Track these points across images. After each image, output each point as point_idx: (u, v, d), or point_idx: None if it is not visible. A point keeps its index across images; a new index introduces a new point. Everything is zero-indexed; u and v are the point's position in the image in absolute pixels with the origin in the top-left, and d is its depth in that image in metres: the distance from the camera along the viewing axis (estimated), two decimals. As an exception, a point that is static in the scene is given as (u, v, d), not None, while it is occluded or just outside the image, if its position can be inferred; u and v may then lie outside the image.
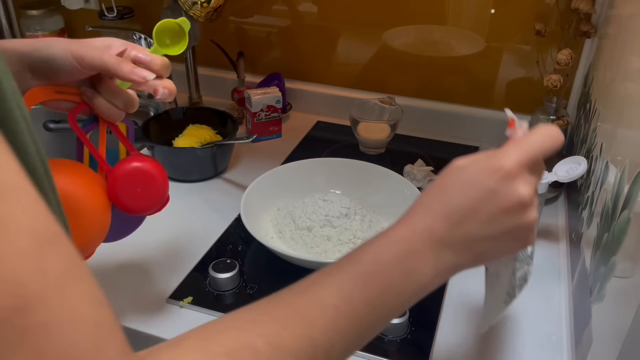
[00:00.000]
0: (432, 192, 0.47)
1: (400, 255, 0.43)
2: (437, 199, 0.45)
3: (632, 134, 0.60)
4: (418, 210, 0.46)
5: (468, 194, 0.45)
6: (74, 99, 0.56)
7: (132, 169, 0.57)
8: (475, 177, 0.45)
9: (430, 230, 0.44)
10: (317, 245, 0.76)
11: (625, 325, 0.47)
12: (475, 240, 0.45)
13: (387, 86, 1.17)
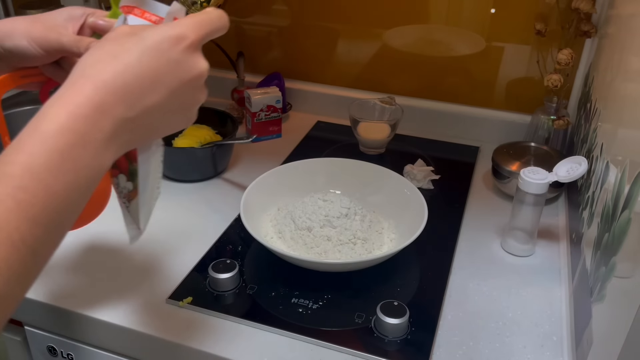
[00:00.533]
0: (100, 60, 0.38)
1: (60, 152, 0.35)
2: (110, 69, 0.38)
3: (632, 134, 0.60)
4: (80, 85, 0.37)
5: (149, 63, 0.39)
6: (41, 79, 0.56)
7: None
8: (157, 45, 0.40)
9: (100, 110, 0.37)
10: (317, 246, 0.76)
11: (626, 325, 0.47)
12: (153, 115, 0.41)
13: (388, 86, 1.17)
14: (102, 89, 0.38)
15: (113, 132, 0.38)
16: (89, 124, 0.37)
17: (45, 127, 0.36)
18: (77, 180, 0.37)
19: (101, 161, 0.38)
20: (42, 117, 0.37)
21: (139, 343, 0.69)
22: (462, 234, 0.86)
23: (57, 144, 0.36)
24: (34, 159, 0.35)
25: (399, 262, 0.77)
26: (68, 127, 0.36)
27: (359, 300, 0.72)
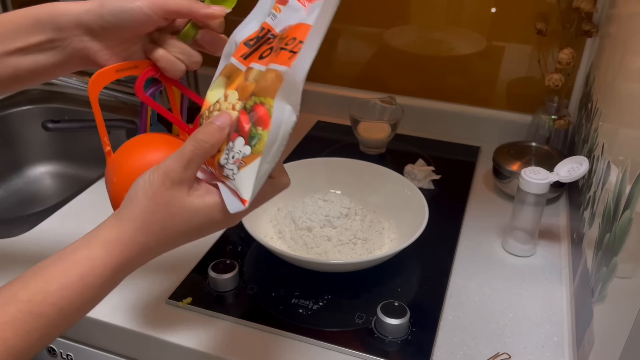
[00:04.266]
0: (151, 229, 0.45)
1: (92, 297, 0.43)
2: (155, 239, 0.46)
3: (633, 134, 0.60)
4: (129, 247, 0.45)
5: (187, 236, 0.47)
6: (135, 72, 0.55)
7: None
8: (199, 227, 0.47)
9: (137, 264, 0.46)
10: (317, 246, 0.76)
11: (627, 325, 0.47)
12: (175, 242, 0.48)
13: (388, 86, 1.17)
14: (146, 252, 0.45)
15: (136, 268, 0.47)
16: (122, 272, 0.45)
17: (90, 279, 0.43)
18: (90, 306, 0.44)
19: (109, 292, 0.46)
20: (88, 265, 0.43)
21: (138, 343, 0.69)
22: (463, 234, 0.86)
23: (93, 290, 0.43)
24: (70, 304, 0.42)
25: (399, 263, 0.77)
26: (108, 278, 0.44)
27: (360, 301, 0.72)
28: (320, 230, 0.78)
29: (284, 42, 0.44)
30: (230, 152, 0.45)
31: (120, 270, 0.44)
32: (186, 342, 0.66)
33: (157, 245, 0.46)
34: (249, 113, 0.44)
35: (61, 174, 1.21)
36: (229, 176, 0.45)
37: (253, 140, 0.43)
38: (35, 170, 1.20)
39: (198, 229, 0.47)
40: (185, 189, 0.45)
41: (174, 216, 0.45)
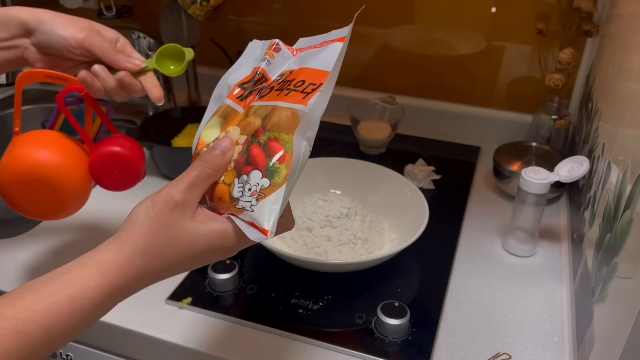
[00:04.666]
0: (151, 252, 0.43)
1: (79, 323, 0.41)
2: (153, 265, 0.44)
3: (634, 134, 0.60)
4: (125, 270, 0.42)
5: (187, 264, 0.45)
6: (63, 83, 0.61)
7: (110, 155, 0.61)
8: (199, 254, 0.45)
9: (132, 290, 0.44)
10: (317, 246, 0.76)
11: (628, 325, 0.46)
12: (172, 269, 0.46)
13: (388, 85, 1.17)
14: (143, 278, 0.43)
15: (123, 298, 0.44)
16: (116, 298, 0.43)
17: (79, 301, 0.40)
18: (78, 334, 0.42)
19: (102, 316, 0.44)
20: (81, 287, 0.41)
21: (138, 344, 0.69)
22: (463, 234, 0.86)
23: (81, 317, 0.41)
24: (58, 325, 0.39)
25: (399, 263, 0.77)
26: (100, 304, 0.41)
27: (360, 301, 0.72)
28: (320, 230, 0.78)
29: (292, 84, 0.47)
30: (245, 185, 0.44)
31: (113, 295, 0.42)
32: (186, 342, 0.66)
33: (154, 271, 0.44)
34: (263, 147, 0.45)
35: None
36: (245, 208, 0.44)
37: (271, 173, 0.44)
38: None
39: (197, 256, 0.45)
40: (188, 212, 0.44)
41: (175, 240, 0.44)
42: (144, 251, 0.43)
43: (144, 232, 0.43)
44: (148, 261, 0.43)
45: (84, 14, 1.35)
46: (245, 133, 0.46)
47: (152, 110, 1.18)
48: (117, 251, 0.42)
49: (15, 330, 0.38)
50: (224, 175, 0.46)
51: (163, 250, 0.43)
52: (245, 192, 0.44)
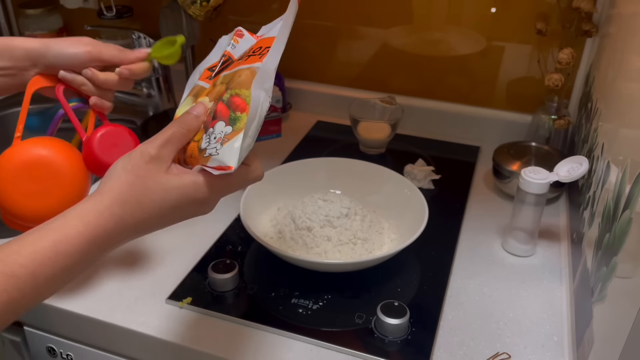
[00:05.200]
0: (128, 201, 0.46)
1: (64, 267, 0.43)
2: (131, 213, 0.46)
3: (633, 134, 0.60)
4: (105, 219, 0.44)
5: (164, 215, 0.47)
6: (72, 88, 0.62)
7: (105, 131, 0.61)
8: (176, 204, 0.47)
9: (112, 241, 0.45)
10: (317, 246, 0.76)
11: (627, 325, 0.47)
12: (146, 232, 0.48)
13: (388, 85, 1.17)
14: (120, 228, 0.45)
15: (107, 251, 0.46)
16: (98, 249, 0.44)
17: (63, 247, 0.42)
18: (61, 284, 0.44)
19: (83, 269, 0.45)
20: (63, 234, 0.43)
21: (138, 343, 0.69)
22: (463, 234, 0.86)
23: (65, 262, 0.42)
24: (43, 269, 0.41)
25: (399, 263, 0.77)
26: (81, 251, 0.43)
27: (359, 301, 0.72)
28: (320, 230, 0.78)
29: (250, 52, 0.52)
30: (211, 136, 0.48)
31: (94, 243, 0.44)
32: (186, 342, 0.66)
33: (133, 220, 0.46)
34: (227, 103, 0.49)
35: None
36: (211, 154, 0.47)
37: (234, 121, 0.48)
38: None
39: (174, 207, 0.47)
40: (163, 166, 0.47)
41: (151, 190, 0.46)
42: (121, 201, 0.45)
43: (122, 183, 0.46)
44: (126, 211, 0.45)
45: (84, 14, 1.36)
46: (213, 100, 0.52)
47: (152, 111, 1.18)
48: (97, 201, 0.45)
49: (3, 272, 0.39)
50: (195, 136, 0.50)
51: (139, 199, 0.46)
52: (211, 141, 0.48)
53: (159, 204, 0.46)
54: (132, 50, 0.62)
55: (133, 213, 0.45)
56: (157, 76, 1.14)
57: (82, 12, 1.26)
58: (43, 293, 0.42)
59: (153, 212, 0.46)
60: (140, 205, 0.46)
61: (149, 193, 0.46)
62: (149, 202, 0.46)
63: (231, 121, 0.48)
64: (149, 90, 1.15)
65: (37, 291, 0.41)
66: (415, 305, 0.69)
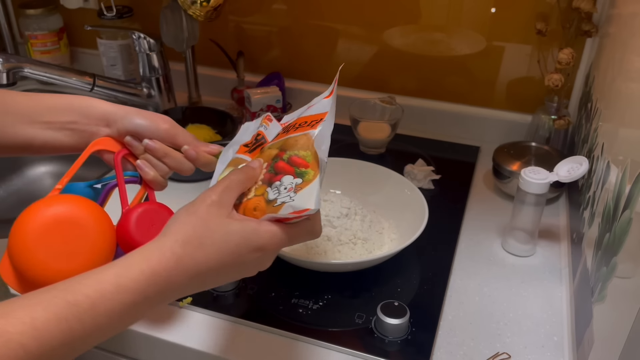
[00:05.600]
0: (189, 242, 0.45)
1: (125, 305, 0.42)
2: (192, 256, 0.45)
3: (633, 134, 0.60)
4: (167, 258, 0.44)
5: (224, 261, 0.47)
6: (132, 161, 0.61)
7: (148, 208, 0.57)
8: (237, 248, 0.47)
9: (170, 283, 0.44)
10: (317, 246, 0.76)
11: (627, 325, 0.47)
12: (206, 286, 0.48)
13: (388, 85, 1.17)
14: (181, 270, 0.44)
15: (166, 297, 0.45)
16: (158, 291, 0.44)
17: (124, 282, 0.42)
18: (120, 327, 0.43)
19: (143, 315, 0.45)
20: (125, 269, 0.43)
21: (138, 343, 0.69)
22: (463, 234, 0.86)
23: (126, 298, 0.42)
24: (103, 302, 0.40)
25: (399, 262, 0.77)
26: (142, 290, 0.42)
27: (360, 301, 0.72)
28: (320, 230, 0.78)
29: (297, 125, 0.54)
30: (280, 187, 0.50)
31: (154, 283, 0.43)
32: (186, 342, 0.66)
33: (193, 262, 0.45)
34: (287, 162, 0.51)
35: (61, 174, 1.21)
36: (285, 202, 0.48)
37: (301, 174, 0.50)
38: (35, 170, 1.20)
39: (234, 252, 0.47)
40: (224, 210, 0.48)
41: (212, 231, 0.46)
42: (183, 241, 0.45)
43: (185, 224, 0.46)
44: (187, 251, 0.45)
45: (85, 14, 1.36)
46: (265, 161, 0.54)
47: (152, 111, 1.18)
48: (160, 243, 0.45)
49: (65, 299, 0.39)
50: (254, 190, 0.51)
51: (201, 241, 0.45)
52: (281, 191, 0.49)
53: (219, 246, 0.46)
54: (206, 143, 0.61)
55: (193, 255, 0.45)
56: (157, 76, 1.14)
57: (82, 12, 1.26)
58: (100, 330, 0.41)
59: (213, 255, 0.46)
60: (201, 247, 0.45)
61: (211, 234, 0.46)
62: (210, 244, 0.46)
63: (298, 175, 0.50)
64: (149, 90, 1.15)
65: (95, 325, 0.40)
66: (415, 305, 0.69)
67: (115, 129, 0.59)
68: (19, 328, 0.36)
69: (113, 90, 1.11)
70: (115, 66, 1.27)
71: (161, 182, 0.60)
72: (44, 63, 1.04)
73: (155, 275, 0.43)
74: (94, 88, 1.08)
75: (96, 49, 1.28)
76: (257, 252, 0.48)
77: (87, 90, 1.08)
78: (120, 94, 1.13)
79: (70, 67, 1.30)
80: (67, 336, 0.38)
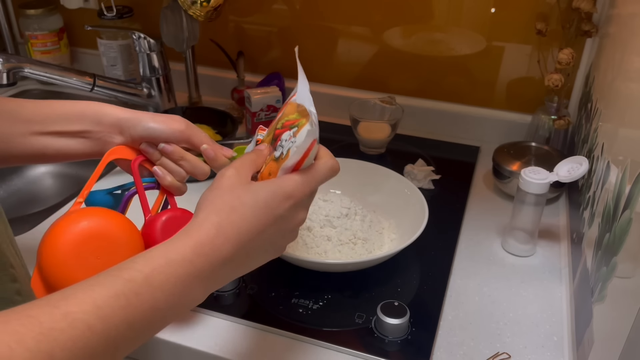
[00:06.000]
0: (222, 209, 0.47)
1: (177, 278, 0.43)
2: (228, 220, 0.46)
3: (633, 134, 0.60)
4: (205, 228, 0.45)
5: (260, 218, 0.47)
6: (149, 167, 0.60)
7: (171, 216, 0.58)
8: (268, 203, 0.48)
9: (216, 251, 0.45)
10: (317, 246, 0.76)
11: (627, 325, 0.47)
12: (253, 256, 0.49)
13: (388, 86, 1.17)
14: (222, 236, 0.45)
15: (218, 270, 0.46)
16: (207, 261, 0.44)
17: (172, 255, 0.43)
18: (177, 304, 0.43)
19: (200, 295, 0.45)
20: (171, 246, 0.44)
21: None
22: (463, 234, 0.86)
23: (177, 270, 0.43)
24: (156, 275, 0.42)
25: (399, 262, 0.77)
26: (190, 260, 0.43)
27: (360, 301, 0.72)
28: (320, 230, 0.78)
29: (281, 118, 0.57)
30: (282, 143, 0.52)
31: (201, 253, 0.44)
32: (186, 342, 0.66)
33: (232, 227, 0.46)
34: (282, 128, 0.54)
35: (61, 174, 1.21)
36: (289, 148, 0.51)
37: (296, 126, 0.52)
38: (35, 170, 1.20)
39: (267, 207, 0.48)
40: (244, 179, 0.50)
41: (240, 197, 0.47)
42: (215, 210, 0.46)
43: (211, 200, 0.47)
44: (222, 217, 0.46)
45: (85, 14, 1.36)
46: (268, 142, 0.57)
47: (152, 111, 1.18)
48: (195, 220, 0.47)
49: (119, 276, 0.40)
50: (264, 166, 0.53)
51: (232, 205, 0.47)
52: (284, 145, 0.52)
53: (251, 205, 0.47)
54: (221, 145, 0.61)
55: (229, 218, 0.46)
56: (158, 76, 1.14)
57: (82, 12, 1.26)
58: (157, 307, 0.41)
59: (248, 215, 0.47)
60: (234, 210, 0.46)
61: (239, 198, 0.47)
62: (240, 205, 0.47)
63: (293, 128, 0.52)
64: (149, 90, 1.15)
65: (152, 300, 0.41)
66: (415, 305, 0.69)
67: (129, 135, 0.59)
68: (83, 307, 0.37)
69: (113, 91, 1.11)
70: (115, 66, 1.27)
71: (179, 186, 0.60)
72: (44, 63, 1.04)
73: (200, 245, 0.44)
74: (94, 88, 1.08)
75: (96, 49, 1.28)
76: (287, 201, 0.49)
77: (87, 90, 1.08)
78: (120, 94, 1.13)
79: (70, 67, 1.30)
80: (128, 313, 0.39)
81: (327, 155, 0.54)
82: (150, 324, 0.41)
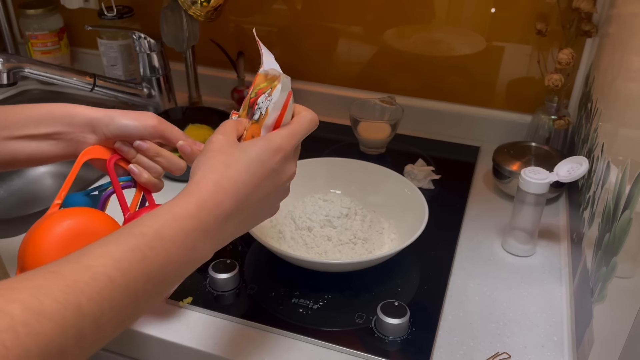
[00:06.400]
0: (217, 167, 0.49)
1: (185, 232, 0.44)
2: (224, 176, 0.48)
3: (633, 134, 0.60)
4: (204, 185, 0.47)
5: (255, 172, 0.49)
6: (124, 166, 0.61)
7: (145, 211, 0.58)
8: (259, 157, 0.50)
9: (219, 206, 0.47)
10: (317, 246, 0.76)
11: (627, 325, 0.47)
12: (252, 212, 0.51)
13: (388, 86, 1.17)
14: (221, 191, 0.47)
15: (222, 225, 0.47)
16: (210, 215, 0.46)
17: (177, 211, 0.45)
18: (189, 259, 0.45)
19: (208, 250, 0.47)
20: (174, 204, 0.46)
21: (137, 343, 0.69)
22: (463, 233, 0.86)
23: (184, 224, 0.44)
24: (166, 229, 0.43)
25: (399, 262, 0.77)
26: (195, 214, 0.45)
27: (360, 301, 0.72)
28: (320, 230, 0.78)
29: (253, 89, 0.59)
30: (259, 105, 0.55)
31: (204, 207, 0.46)
32: (186, 342, 0.66)
33: (228, 182, 0.48)
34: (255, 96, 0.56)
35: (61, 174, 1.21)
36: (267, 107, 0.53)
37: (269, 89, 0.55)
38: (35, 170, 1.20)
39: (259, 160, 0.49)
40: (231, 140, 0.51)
41: (231, 154, 0.49)
42: (210, 168, 0.48)
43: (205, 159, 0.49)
44: (218, 173, 0.48)
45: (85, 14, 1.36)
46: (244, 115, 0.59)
47: (152, 110, 1.18)
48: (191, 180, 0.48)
49: (133, 233, 0.42)
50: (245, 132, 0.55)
51: (226, 162, 0.49)
52: (261, 106, 0.54)
53: (243, 160, 0.49)
54: (197, 141, 0.62)
55: (225, 173, 0.48)
56: (158, 76, 1.14)
57: (82, 12, 1.26)
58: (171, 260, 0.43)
59: (242, 169, 0.49)
60: (228, 166, 0.48)
61: (231, 155, 0.49)
62: (234, 161, 0.49)
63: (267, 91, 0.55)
64: (149, 90, 1.15)
65: (165, 252, 0.42)
66: (415, 305, 0.70)
67: (102, 134, 0.59)
68: (102, 261, 0.39)
69: (113, 91, 1.11)
70: (115, 66, 1.27)
71: (156, 183, 0.61)
72: (44, 63, 1.04)
73: (202, 200, 0.46)
74: (95, 88, 1.08)
75: (96, 49, 1.28)
76: (277, 154, 0.51)
77: (87, 90, 1.08)
78: (120, 94, 1.13)
79: (70, 67, 1.30)
80: (145, 266, 0.41)
81: (304, 109, 0.56)
82: (166, 277, 0.43)
